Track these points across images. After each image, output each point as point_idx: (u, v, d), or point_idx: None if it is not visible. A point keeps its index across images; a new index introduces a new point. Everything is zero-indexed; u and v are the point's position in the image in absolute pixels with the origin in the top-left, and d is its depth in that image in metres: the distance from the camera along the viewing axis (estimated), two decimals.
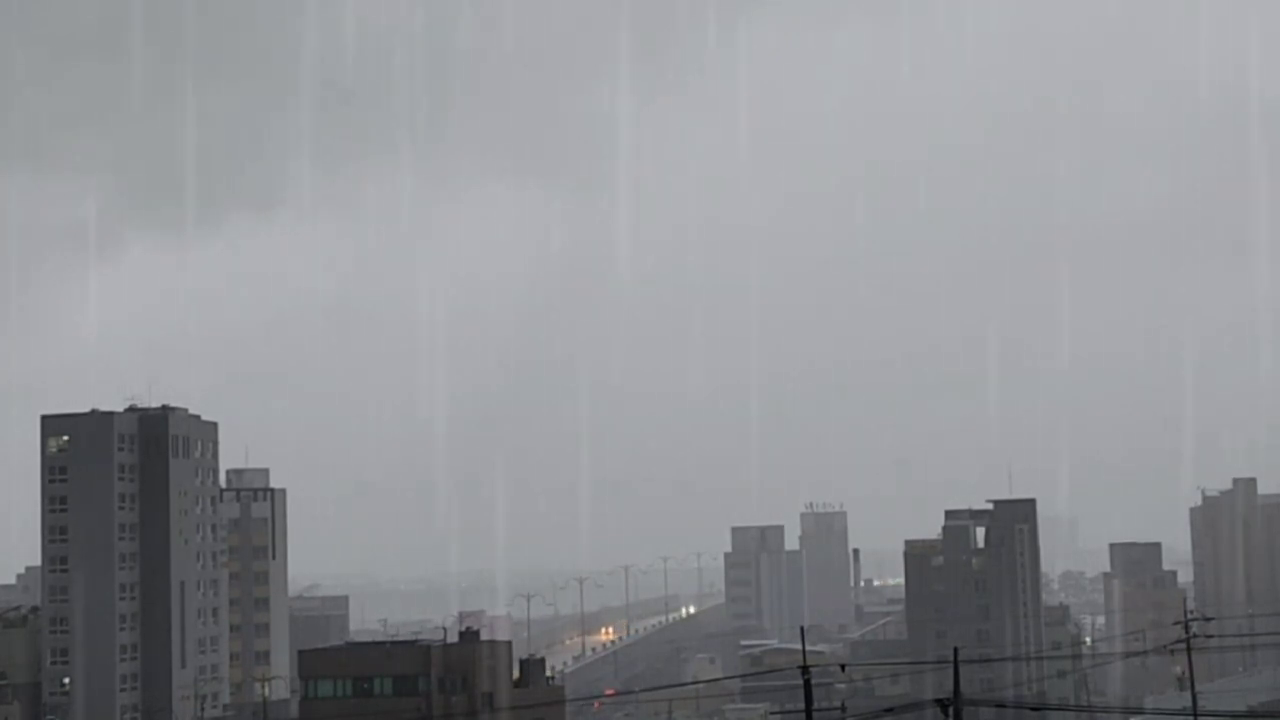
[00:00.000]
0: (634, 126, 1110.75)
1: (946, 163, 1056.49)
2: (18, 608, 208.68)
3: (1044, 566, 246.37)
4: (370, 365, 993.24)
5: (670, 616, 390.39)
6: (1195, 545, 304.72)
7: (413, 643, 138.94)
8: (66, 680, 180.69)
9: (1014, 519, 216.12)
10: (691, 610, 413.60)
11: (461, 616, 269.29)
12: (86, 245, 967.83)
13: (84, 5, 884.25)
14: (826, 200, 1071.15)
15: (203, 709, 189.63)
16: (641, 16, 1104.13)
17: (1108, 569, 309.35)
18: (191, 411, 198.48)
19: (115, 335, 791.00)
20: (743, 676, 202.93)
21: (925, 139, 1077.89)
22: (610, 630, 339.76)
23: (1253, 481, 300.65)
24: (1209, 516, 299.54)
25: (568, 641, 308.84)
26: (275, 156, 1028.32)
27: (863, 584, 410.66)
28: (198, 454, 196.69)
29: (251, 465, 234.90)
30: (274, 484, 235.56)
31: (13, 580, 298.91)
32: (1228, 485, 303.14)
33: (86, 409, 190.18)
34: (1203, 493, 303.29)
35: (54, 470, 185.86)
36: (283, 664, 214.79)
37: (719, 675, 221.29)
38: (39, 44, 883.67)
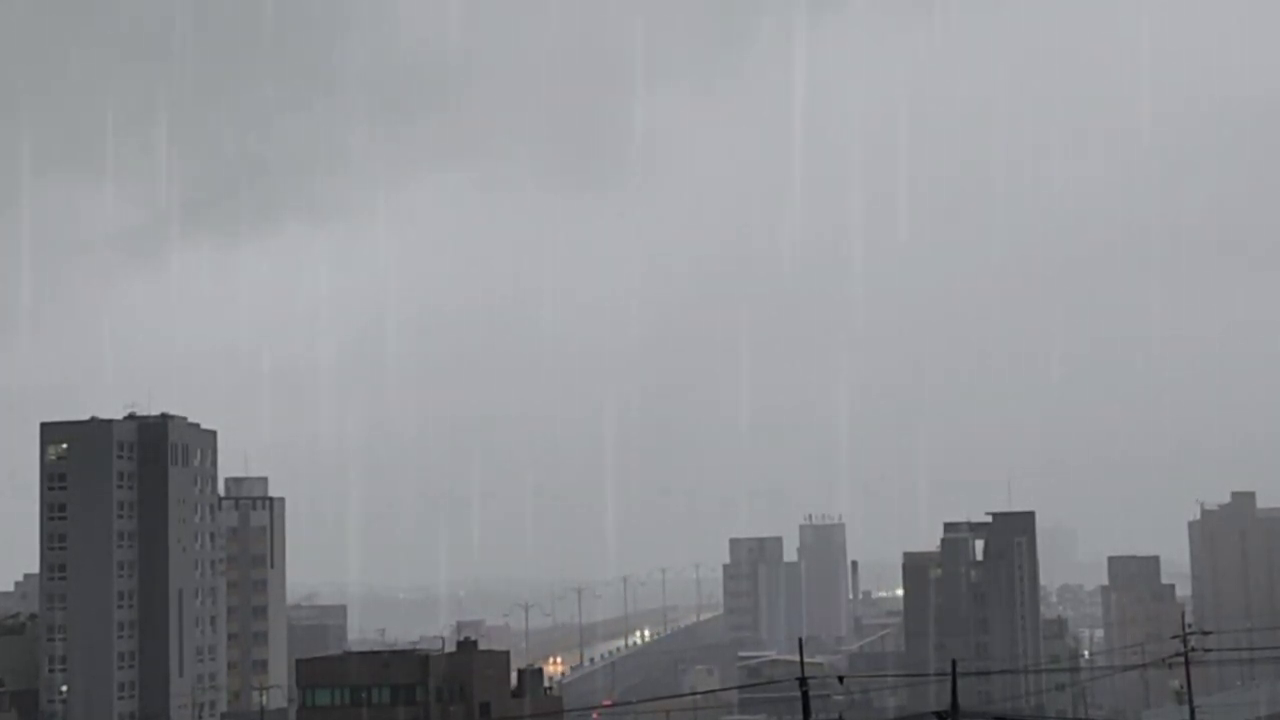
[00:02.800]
0: (686, 135, 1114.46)
1: (967, 172, 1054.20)
2: (16, 615, 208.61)
3: (1042, 579, 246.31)
4: (383, 373, 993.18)
5: (626, 641, 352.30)
6: (1194, 558, 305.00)
7: (410, 652, 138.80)
8: (64, 688, 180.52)
9: (1013, 531, 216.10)
10: (646, 635, 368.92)
11: (459, 626, 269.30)
12: (129, 251, 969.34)
13: (143, 10, 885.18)
14: (843, 212, 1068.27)
15: (200, 717, 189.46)
16: (695, 24, 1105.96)
17: (1106, 582, 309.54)
18: (191, 420, 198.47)
19: (149, 342, 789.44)
20: (741, 688, 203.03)
21: (959, 148, 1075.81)
22: (559, 661, 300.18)
23: (1251, 495, 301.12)
24: (1208, 530, 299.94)
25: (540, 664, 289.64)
26: (319, 165, 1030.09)
27: (861, 596, 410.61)
28: (197, 462, 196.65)
29: (252, 474, 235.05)
30: (274, 493, 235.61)
31: (11, 587, 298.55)
32: (1226, 499, 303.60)
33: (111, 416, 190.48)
34: (1201, 506, 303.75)
35: (53, 478, 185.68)
36: (280, 673, 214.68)
37: (717, 686, 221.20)
38: (97, 48, 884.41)
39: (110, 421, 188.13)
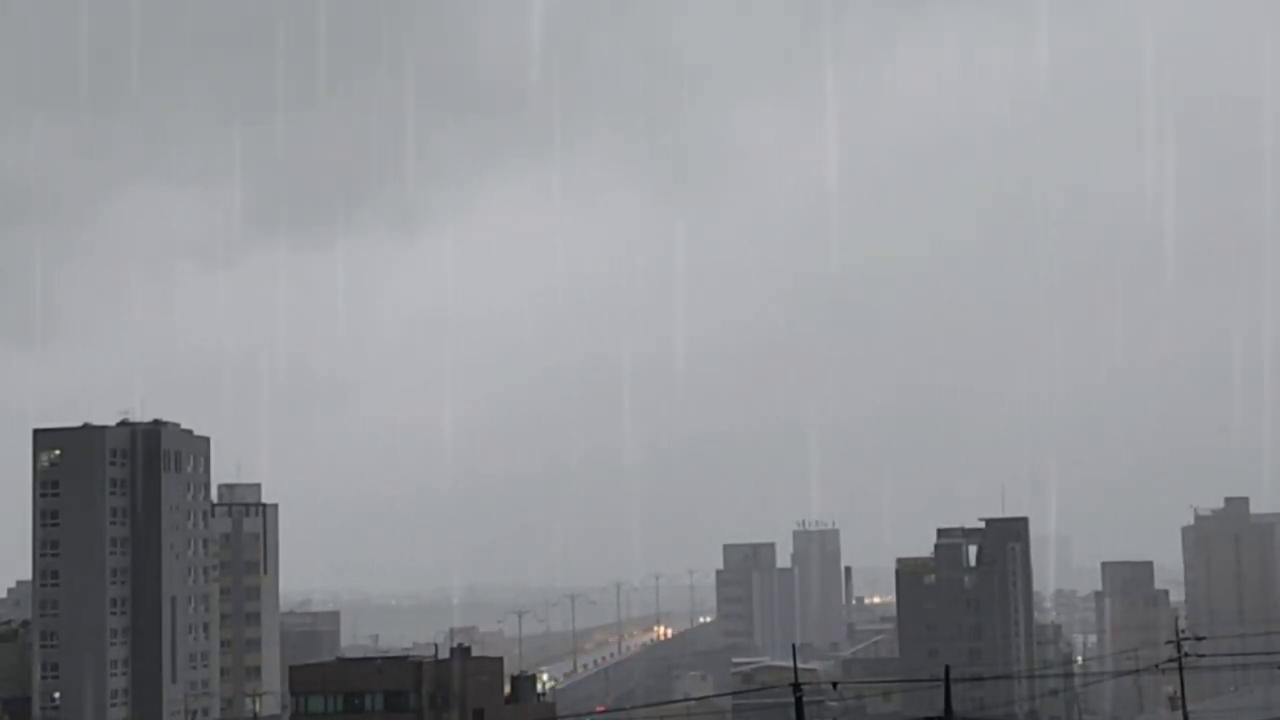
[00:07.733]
0: (769, 141, 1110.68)
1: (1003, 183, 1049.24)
2: (8, 622, 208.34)
3: (1036, 585, 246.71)
4: (387, 379, 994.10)
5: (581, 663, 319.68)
6: (1187, 564, 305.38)
7: (404, 658, 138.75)
8: (57, 695, 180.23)
9: (1006, 537, 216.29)
10: (551, 676, 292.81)
11: (453, 633, 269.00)
12: (200, 257, 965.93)
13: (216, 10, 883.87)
14: (860, 212, 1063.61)
15: None
16: (774, 29, 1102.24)
17: (1100, 587, 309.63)
18: (184, 426, 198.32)
19: (199, 349, 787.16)
20: (734, 694, 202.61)
21: (1032, 159, 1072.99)
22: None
23: (1245, 500, 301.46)
24: (1201, 535, 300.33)
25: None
26: (390, 171, 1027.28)
27: (854, 602, 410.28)
28: (190, 469, 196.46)
29: (245, 480, 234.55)
30: (268, 499, 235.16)
31: (4, 594, 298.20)
32: (1220, 504, 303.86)
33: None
34: (1195, 511, 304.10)
35: (45, 484, 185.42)
36: (273, 679, 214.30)
37: (710, 693, 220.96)
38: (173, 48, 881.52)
39: (103, 428, 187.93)
